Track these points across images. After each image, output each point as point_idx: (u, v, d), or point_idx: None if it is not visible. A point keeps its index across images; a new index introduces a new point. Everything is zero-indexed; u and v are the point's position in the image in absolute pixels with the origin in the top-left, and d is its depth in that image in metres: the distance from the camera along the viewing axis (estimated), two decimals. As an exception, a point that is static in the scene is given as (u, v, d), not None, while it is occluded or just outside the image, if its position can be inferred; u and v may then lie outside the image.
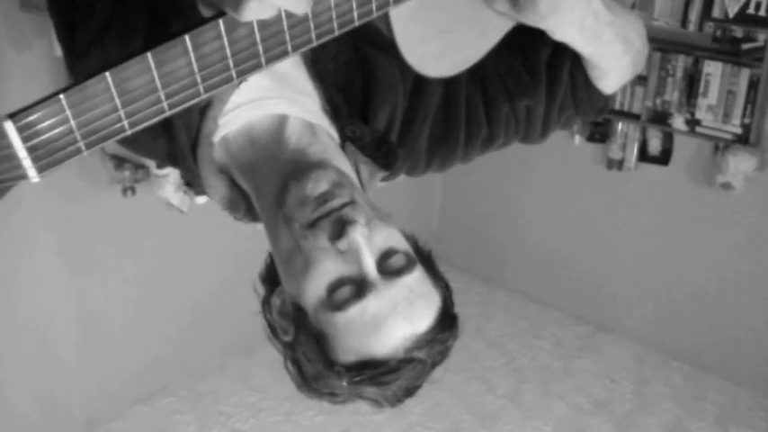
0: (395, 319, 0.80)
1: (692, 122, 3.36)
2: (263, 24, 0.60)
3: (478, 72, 0.94)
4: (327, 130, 0.92)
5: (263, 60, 0.62)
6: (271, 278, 0.89)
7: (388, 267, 0.81)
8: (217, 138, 0.89)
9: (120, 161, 2.85)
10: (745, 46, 3.17)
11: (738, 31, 3.19)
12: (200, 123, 0.86)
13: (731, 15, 3.15)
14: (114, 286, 3.14)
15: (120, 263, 3.12)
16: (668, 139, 3.58)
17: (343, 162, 0.89)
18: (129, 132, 0.57)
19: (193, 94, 0.59)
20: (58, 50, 2.57)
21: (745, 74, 3.17)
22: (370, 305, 0.79)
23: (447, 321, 0.88)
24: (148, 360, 3.34)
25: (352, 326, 0.79)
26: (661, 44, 3.37)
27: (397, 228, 0.86)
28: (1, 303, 2.83)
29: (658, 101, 3.40)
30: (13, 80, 2.64)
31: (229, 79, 0.61)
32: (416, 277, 0.83)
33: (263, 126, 0.89)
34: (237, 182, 0.92)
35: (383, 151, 0.90)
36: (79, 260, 3.01)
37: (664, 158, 3.60)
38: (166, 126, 0.85)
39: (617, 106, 3.57)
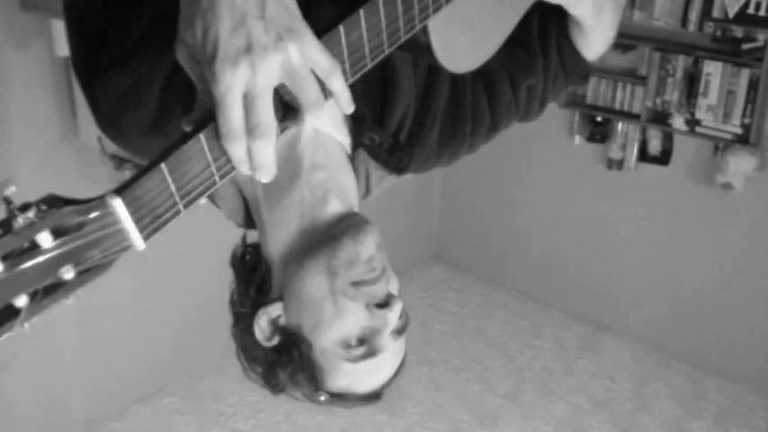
0: (386, 368, 0.89)
1: (692, 122, 3.36)
2: None
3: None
4: (338, 138, 0.90)
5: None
6: (247, 270, 0.91)
7: (399, 326, 0.87)
8: None
9: (120, 161, 2.85)
10: (745, 46, 3.17)
11: (738, 31, 3.19)
12: None
13: (731, 15, 3.15)
14: (114, 286, 3.14)
15: (119, 262, 3.12)
16: (668, 139, 3.58)
17: (348, 172, 0.90)
18: (219, 184, 0.61)
19: None
20: (59, 51, 2.57)
21: (745, 74, 3.17)
22: (377, 360, 0.87)
23: None
24: (148, 360, 3.34)
25: (353, 373, 0.87)
26: (661, 44, 3.37)
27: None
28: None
29: (658, 101, 3.40)
30: (13, 80, 2.64)
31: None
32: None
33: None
34: (242, 190, 0.92)
35: (397, 156, 0.92)
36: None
37: (664, 158, 3.60)
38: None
39: (617, 106, 3.57)
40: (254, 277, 0.89)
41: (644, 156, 3.64)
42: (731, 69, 3.19)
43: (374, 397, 0.91)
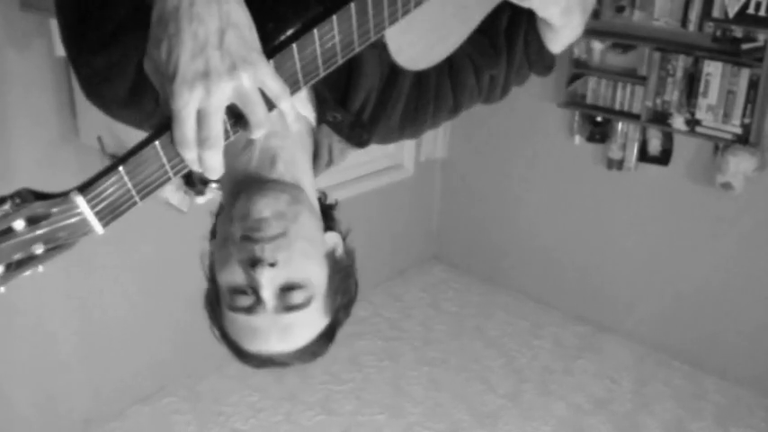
0: (270, 338, 0.91)
1: (692, 122, 3.36)
2: None
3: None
4: (303, 113, 0.97)
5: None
6: (215, 214, 1.01)
7: (286, 301, 0.89)
8: None
9: (119, 161, 2.85)
10: (745, 46, 3.17)
11: (738, 31, 3.19)
12: None
13: (731, 15, 3.15)
14: (114, 286, 3.14)
15: (119, 262, 3.12)
16: (668, 139, 3.58)
17: (305, 148, 0.97)
18: (173, 179, 0.70)
19: None
20: (59, 50, 2.57)
21: (745, 74, 3.17)
22: (255, 321, 0.90)
23: (324, 339, 0.96)
24: (148, 360, 3.34)
25: (236, 324, 0.92)
26: (661, 44, 3.37)
27: (317, 259, 0.92)
28: (1, 303, 2.83)
29: (658, 101, 3.40)
30: (13, 80, 2.64)
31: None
32: (307, 312, 0.91)
33: None
34: None
35: (357, 132, 1.00)
36: (78, 260, 3.01)
37: (664, 158, 3.60)
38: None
39: (617, 106, 3.57)
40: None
41: (644, 156, 3.64)
42: (731, 69, 3.19)
43: (261, 362, 0.94)
